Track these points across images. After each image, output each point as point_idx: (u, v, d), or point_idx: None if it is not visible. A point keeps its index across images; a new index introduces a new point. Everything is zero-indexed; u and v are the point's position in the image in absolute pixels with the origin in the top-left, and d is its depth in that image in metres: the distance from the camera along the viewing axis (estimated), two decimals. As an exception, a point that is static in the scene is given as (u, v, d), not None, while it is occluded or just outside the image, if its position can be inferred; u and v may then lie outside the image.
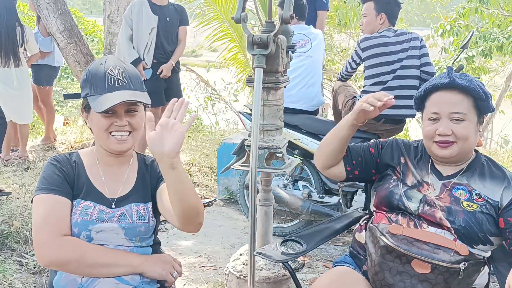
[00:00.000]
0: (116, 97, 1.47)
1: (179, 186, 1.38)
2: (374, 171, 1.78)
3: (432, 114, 1.59)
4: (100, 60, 1.55)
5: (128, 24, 4.16)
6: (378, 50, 3.29)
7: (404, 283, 1.50)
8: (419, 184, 1.63)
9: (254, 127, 1.83)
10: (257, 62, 1.92)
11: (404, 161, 1.71)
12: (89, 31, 11.37)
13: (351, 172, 1.80)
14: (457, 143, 1.56)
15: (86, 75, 1.53)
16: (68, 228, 1.49)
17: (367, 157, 1.78)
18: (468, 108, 1.56)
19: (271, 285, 2.21)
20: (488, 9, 7.44)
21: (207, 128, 7.48)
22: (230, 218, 3.86)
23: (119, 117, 1.51)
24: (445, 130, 1.55)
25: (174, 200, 1.42)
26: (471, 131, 1.56)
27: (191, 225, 1.50)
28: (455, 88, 1.57)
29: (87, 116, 1.56)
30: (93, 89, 1.50)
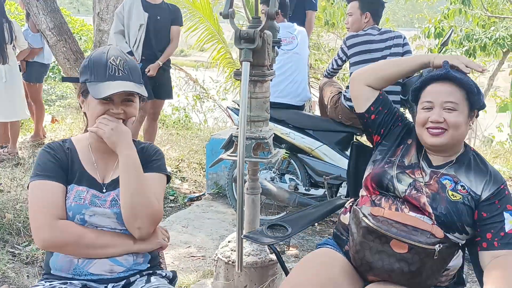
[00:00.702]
0: (115, 86, 1.55)
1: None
2: (383, 131, 1.82)
3: (426, 103, 1.67)
4: (103, 49, 1.62)
5: (120, 20, 4.23)
6: (363, 47, 3.40)
7: (382, 262, 1.58)
8: (414, 166, 1.70)
9: (242, 118, 1.92)
10: (244, 56, 2.01)
11: (410, 143, 1.77)
12: (77, 29, 11.36)
13: (370, 112, 1.82)
14: (448, 131, 1.63)
15: (87, 62, 1.60)
16: (64, 212, 1.55)
17: (391, 115, 1.82)
18: (461, 99, 1.64)
19: (258, 270, 2.29)
20: (472, 10, 7.61)
21: (195, 126, 7.55)
22: (218, 212, 3.94)
23: (115, 105, 1.58)
24: (437, 118, 1.63)
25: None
26: (462, 121, 1.64)
27: (128, 225, 1.57)
28: (449, 79, 1.66)
29: (83, 101, 1.63)
30: (94, 76, 1.57)
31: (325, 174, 3.38)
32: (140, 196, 1.55)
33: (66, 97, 9.20)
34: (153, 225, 1.61)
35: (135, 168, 1.57)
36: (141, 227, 1.56)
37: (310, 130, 3.50)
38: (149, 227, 1.59)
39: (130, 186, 1.55)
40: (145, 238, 1.61)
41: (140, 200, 1.55)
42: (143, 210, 1.55)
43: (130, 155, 1.57)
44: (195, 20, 6.72)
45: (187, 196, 4.30)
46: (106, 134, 1.55)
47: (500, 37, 7.17)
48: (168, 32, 4.42)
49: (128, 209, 1.54)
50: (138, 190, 1.55)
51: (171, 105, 8.39)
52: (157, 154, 1.73)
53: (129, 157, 1.57)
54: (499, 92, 11.23)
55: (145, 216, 1.56)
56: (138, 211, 1.54)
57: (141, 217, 1.55)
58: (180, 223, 3.65)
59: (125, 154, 1.56)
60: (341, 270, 1.67)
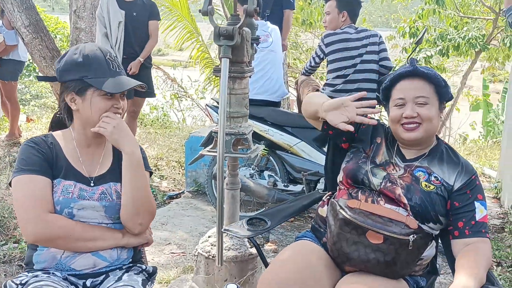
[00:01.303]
0: (125, 81, 1.61)
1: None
2: (345, 138, 1.88)
3: (398, 100, 1.72)
4: (90, 45, 1.63)
5: (102, 22, 4.18)
6: (340, 45, 3.46)
7: (359, 252, 1.63)
8: (386, 163, 1.76)
9: (221, 114, 1.95)
10: (223, 53, 2.03)
11: (380, 141, 1.82)
12: (52, 28, 11.19)
13: (325, 130, 1.88)
14: (423, 125, 1.69)
15: (82, 58, 1.59)
16: (52, 205, 1.56)
17: None
18: (431, 93, 1.70)
19: (238, 264, 2.32)
20: (445, 11, 7.78)
21: (174, 125, 7.53)
22: (198, 209, 3.95)
23: (117, 99, 1.62)
24: (411, 113, 1.68)
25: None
26: (434, 114, 1.70)
27: (130, 221, 1.61)
28: (417, 75, 1.72)
29: (75, 100, 1.60)
30: (94, 72, 1.58)
31: (303, 170, 3.44)
32: (143, 193, 1.60)
33: (41, 97, 9.06)
34: (151, 220, 1.68)
35: (139, 165, 1.61)
36: (143, 223, 1.63)
37: (288, 127, 3.55)
38: (148, 222, 1.66)
39: (135, 183, 1.58)
40: (143, 233, 1.67)
41: (142, 197, 1.59)
42: (145, 206, 1.60)
43: (134, 152, 1.59)
44: (173, 19, 6.70)
45: (166, 194, 4.30)
46: (108, 132, 1.57)
47: (473, 37, 7.34)
48: (146, 28, 4.41)
49: (132, 206, 1.58)
50: (141, 186, 1.59)
51: (149, 104, 8.35)
52: (143, 151, 1.76)
53: (133, 154, 1.59)
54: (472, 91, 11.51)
55: (146, 211, 1.62)
56: (141, 207, 1.60)
57: (143, 212, 1.61)
58: (159, 221, 3.66)
59: (129, 151, 1.58)
60: (319, 261, 1.71)
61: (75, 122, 1.65)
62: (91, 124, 1.60)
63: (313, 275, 1.65)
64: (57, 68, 1.63)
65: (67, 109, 1.66)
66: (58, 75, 1.63)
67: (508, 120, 4.63)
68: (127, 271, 1.65)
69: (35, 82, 9.70)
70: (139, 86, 1.65)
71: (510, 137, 4.33)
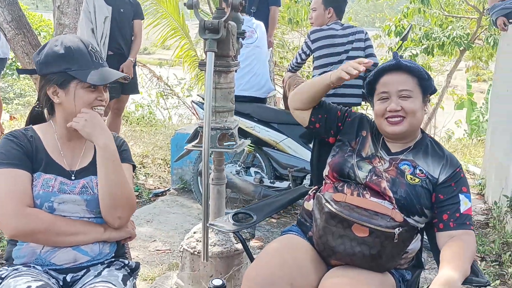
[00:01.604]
0: (110, 72, 1.58)
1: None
2: (333, 132, 1.90)
3: (382, 93, 1.73)
4: (71, 37, 1.59)
5: (88, 17, 4.12)
6: (326, 41, 3.46)
7: (345, 246, 1.63)
8: (372, 157, 1.76)
9: (207, 108, 1.93)
10: (209, 46, 2.02)
11: (365, 134, 1.83)
12: (36, 25, 11.05)
13: (312, 123, 1.91)
14: (407, 119, 1.69)
15: (64, 50, 1.55)
16: (32, 199, 1.53)
17: (332, 117, 1.89)
18: (414, 86, 1.71)
19: (224, 260, 2.31)
20: (430, 10, 7.84)
21: (160, 123, 7.48)
22: (184, 206, 3.92)
23: (100, 92, 1.59)
24: (395, 106, 1.69)
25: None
26: (418, 107, 1.70)
27: (108, 215, 1.58)
28: (401, 69, 1.72)
29: (57, 93, 1.57)
30: (77, 64, 1.55)
31: (289, 166, 3.43)
32: (120, 186, 1.56)
33: (24, 95, 8.94)
34: (131, 214, 1.65)
35: (114, 157, 1.57)
36: (122, 216, 1.59)
37: (274, 124, 3.54)
38: (128, 216, 1.63)
39: (110, 176, 1.55)
40: (124, 226, 1.64)
41: (120, 190, 1.56)
42: (123, 199, 1.57)
43: (108, 145, 1.56)
44: (157, 15, 6.63)
45: (152, 192, 4.26)
46: (80, 125, 1.54)
47: (457, 36, 7.42)
48: (131, 25, 4.38)
49: (109, 199, 1.55)
50: (117, 180, 1.56)
51: (135, 102, 8.28)
52: (124, 144, 1.74)
53: (107, 147, 1.55)
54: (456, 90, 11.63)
55: (125, 205, 1.58)
56: (119, 201, 1.56)
57: (122, 206, 1.57)
58: (144, 218, 3.62)
59: (102, 145, 1.55)
60: (305, 255, 1.71)
61: (57, 116, 1.62)
62: (74, 117, 1.57)
63: (299, 270, 1.64)
64: (37, 61, 1.59)
65: (49, 102, 1.62)
66: (38, 67, 1.59)
67: (492, 118, 4.68)
68: (109, 266, 1.62)
69: (18, 81, 9.57)
70: (122, 78, 1.62)
71: (494, 135, 4.37)
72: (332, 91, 3.41)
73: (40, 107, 1.67)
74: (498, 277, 2.82)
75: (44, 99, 1.61)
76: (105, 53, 4.18)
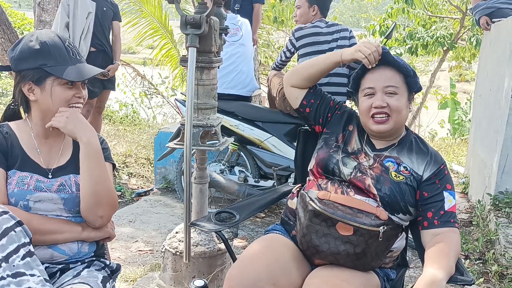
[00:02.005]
0: (88, 69, 1.52)
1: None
2: (321, 120, 1.86)
3: (367, 89, 1.70)
4: (47, 32, 1.54)
5: (65, 10, 4.05)
6: (311, 39, 3.44)
7: (329, 244, 1.60)
8: (358, 152, 1.73)
9: (189, 105, 1.89)
10: (191, 41, 1.98)
11: (352, 129, 1.80)
12: (18, 24, 10.88)
13: (303, 107, 1.87)
14: (392, 117, 1.67)
15: (39, 46, 1.50)
16: (5, 197, 1.47)
17: (324, 106, 1.86)
18: (400, 83, 1.69)
19: (207, 260, 2.27)
20: (414, 10, 7.89)
21: (144, 122, 7.40)
22: (167, 206, 3.87)
23: (78, 88, 1.54)
24: (380, 102, 1.66)
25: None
26: (404, 104, 1.68)
27: (90, 214, 1.54)
28: (387, 64, 1.70)
29: (33, 90, 1.52)
30: (54, 60, 1.50)
31: (274, 165, 3.40)
32: (103, 184, 1.52)
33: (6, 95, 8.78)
34: (113, 213, 1.60)
35: (97, 154, 1.52)
36: (104, 215, 1.55)
37: (259, 122, 3.51)
38: (110, 215, 1.58)
39: (94, 174, 1.50)
40: (105, 226, 1.59)
41: (103, 188, 1.51)
42: (106, 198, 1.52)
43: (92, 141, 1.51)
44: (136, 14, 6.53)
45: (135, 192, 4.20)
46: (62, 123, 1.48)
47: (441, 35, 7.47)
48: (110, 25, 4.34)
49: (92, 197, 1.50)
50: (101, 177, 1.51)
51: (118, 101, 8.18)
52: (105, 143, 1.69)
53: (91, 143, 1.50)
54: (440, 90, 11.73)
55: (107, 203, 1.54)
56: (102, 199, 1.52)
57: (104, 204, 1.53)
58: (127, 218, 3.56)
59: (86, 140, 1.50)
60: (288, 254, 1.67)
61: (33, 113, 1.57)
62: (51, 115, 1.52)
63: (282, 269, 1.61)
64: (11, 57, 1.54)
65: (24, 99, 1.56)
66: (12, 64, 1.54)
67: (475, 117, 4.71)
68: (89, 266, 1.57)
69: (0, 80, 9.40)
70: (100, 74, 1.57)
71: (477, 134, 4.40)
72: (317, 89, 3.40)
73: (16, 105, 1.61)
74: (482, 275, 2.83)
75: (19, 96, 1.56)
76: (87, 48, 4.11)
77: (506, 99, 3.35)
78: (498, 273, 2.78)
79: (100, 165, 1.52)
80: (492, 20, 4.09)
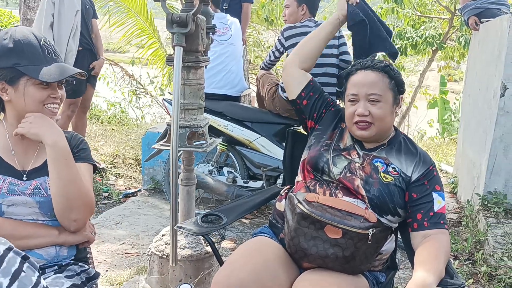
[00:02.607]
0: (63, 68, 1.47)
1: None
2: (315, 115, 1.85)
3: (351, 95, 1.69)
4: (22, 30, 1.48)
5: (50, 9, 3.93)
6: (300, 39, 3.37)
7: (317, 248, 1.57)
8: (350, 148, 1.72)
9: (175, 105, 1.85)
10: (177, 40, 1.94)
11: (344, 126, 1.78)
12: (5, 22, 10.75)
13: (301, 98, 1.86)
14: (374, 124, 1.65)
15: (12, 44, 1.45)
16: None
17: (321, 101, 1.85)
18: (384, 89, 1.67)
19: (194, 263, 2.23)
20: (403, 10, 7.90)
21: (132, 122, 7.32)
22: (155, 207, 3.82)
23: (54, 89, 1.49)
24: (363, 111, 1.64)
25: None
26: (387, 111, 1.66)
27: (63, 218, 1.49)
28: (373, 68, 1.68)
29: (6, 90, 1.47)
30: (28, 60, 1.44)
31: (263, 166, 3.37)
32: (74, 186, 1.45)
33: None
34: (89, 216, 1.54)
35: (65, 155, 1.45)
36: (78, 219, 1.49)
37: (248, 122, 3.47)
38: (85, 218, 1.52)
39: (62, 175, 1.44)
40: (81, 230, 1.53)
41: (75, 190, 1.45)
42: (79, 200, 1.46)
43: (57, 142, 1.45)
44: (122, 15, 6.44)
45: (122, 193, 4.14)
46: (25, 129, 1.43)
47: (430, 36, 7.49)
48: (91, 22, 4.27)
49: (63, 201, 1.44)
50: (71, 179, 1.45)
51: (106, 100, 8.10)
52: (83, 143, 1.63)
53: (56, 145, 1.44)
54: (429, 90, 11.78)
55: (81, 206, 1.47)
56: (74, 202, 1.45)
57: (77, 208, 1.46)
58: (113, 220, 3.50)
59: (51, 142, 1.44)
60: (276, 258, 1.65)
61: (8, 114, 1.52)
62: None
63: (270, 273, 1.58)
64: None
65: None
66: None
67: (464, 117, 4.72)
68: (61, 271, 1.52)
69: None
70: (78, 74, 1.52)
71: (466, 133, 4.40)
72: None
73: None
74: (471, 276, 2.82)
75: None
76: (76, 47, 4.03)
77: (494, 99, 3.35)
78: (487, 273, 2.77)
79: (69, 166, 1.46)
80: (481, 20, 4.09)
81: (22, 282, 1.24)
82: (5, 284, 1.22)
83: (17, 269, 1.25)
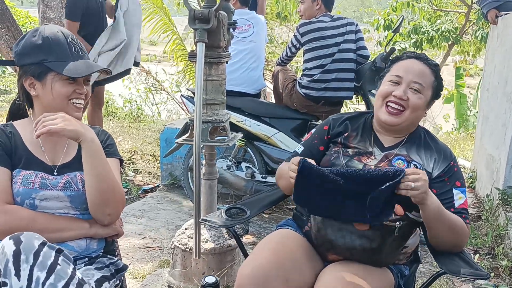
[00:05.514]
0: (89, 64, 1.51)
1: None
2: (322, 148, 1.80)
3: (395, 76, 1.66)
4: (51, 27, 1.53)
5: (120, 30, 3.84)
6: (316, 34, 3.41)
7: (344, 239, 1.58)
8: (360, 154, 1.69)
9: (197, 100, 1.87)
10: (199, 37, 1.96)
11: (347, 134, 1.76)
12: (21, 22, 10.87)
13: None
14: (406, 112, 1.63)
15: (42, 41, 1.50)
16: (11, 196, 1.47)
17: (318, 156, 1.78)
18: (428, 84, 1.65)
19: (216, 256, 2.26)
20: (418, 3, 7.84)
21: (148, 118, 7.39)
22: (174, 202, 3.86)
23: (79, 84, 1.53)
24: (401, 94, 1.61)
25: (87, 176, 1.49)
26: (422, 105, 1.65)
27: (98, 212, 1.52)
28: (425, 61, 1.67)
29: (34, 85, 1.51)
30: (55, 56, 1.49)
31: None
32: (109, 181, 1.50)
33: (10, 92, 8.78)
34: (121, 210, 1.59)
35: (100, 151, 1.50)
36: (112, 213, 1.54)
37: (266, 118, 3.49)
38: (118, 212, 1.57)
39: (98, 172, 1.48)
40: (114, 223, 1.58)
41: (109, 185, 1.50)
42: (113, 195, 1.51)
43: (94, 138, 1.49)
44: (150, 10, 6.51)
45: (141, 188, 4.19)
46: (60, 127, 1.41)
47: (446, 30, 7.43)
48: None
49: (98, 196, 1.49)
50: (105, 174, 1.50)
51: (122, 97, 8.17)
52: (110, 138, 1.68)
53: (93, 141, 1.48)
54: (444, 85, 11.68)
55: (115, 201, 1.53)
56: (109, 197, 1.50)
57: (111, 202, 1.52)
58: (134, 215, 3.55)
59: (90, 139, 1.47)
60: (300, 250, 1.66)
61: (36, 109, 1.56)
62: (53, 111, 1.50)
63: (295, 266, 1.59)
64: (15, 51, 1.54)
65: (27, 95, 1.56)
66: (16, 58, 1.55)
67: (482, 111, 4.68)
68: (91, 263, 1.56)
69: (3, 77, 9.40)
70: (103, 71, 1.56)
71: (484, 128, 4.37)
72: (323, 85, 3.38)
73: (20, 100, 1.61)
74: (492, 270, 2.81)
75: (21, 91, 1.56)
76: None
77: (515, 93, 3.33)
78: (508, 268, 2.76)
79: (104, 162, 1.50)
80: (501, 13, 4.05)
81: (59, 274, 1.28)
82: (42, 278, 1.26)
83: (53, 262, 1.29)
